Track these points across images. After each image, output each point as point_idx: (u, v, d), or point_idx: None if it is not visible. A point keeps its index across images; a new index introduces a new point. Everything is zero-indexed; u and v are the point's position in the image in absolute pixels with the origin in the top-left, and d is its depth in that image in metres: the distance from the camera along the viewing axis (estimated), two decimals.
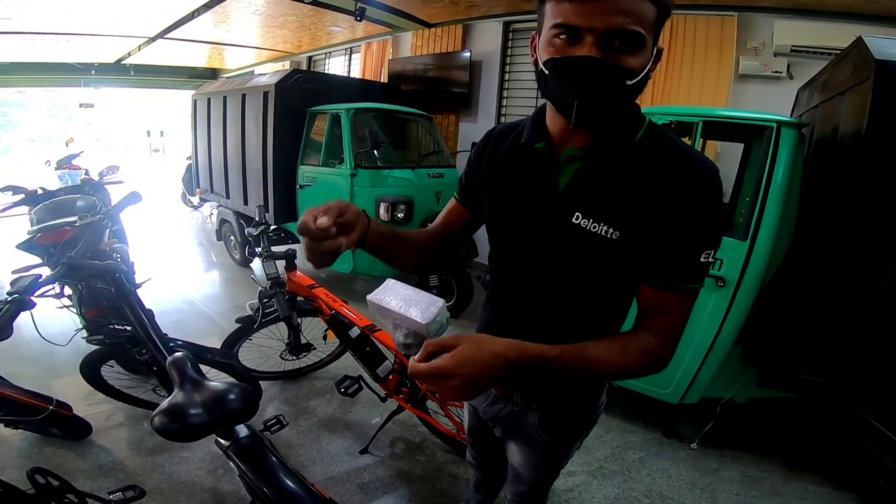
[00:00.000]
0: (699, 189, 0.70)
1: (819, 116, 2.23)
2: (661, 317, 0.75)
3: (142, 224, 5.76)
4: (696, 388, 2.12)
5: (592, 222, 0.74)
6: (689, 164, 0.72)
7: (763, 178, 1.87)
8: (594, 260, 0.77)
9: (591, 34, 0.63)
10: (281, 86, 3.86)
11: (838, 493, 2.00)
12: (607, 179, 0.75)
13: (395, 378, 2.03)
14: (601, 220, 0.74)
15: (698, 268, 0.72)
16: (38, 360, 2.67)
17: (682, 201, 0.70)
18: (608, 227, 0.73)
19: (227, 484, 1.89)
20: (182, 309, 3.72)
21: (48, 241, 2.20)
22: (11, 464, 1.88)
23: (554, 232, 0.79)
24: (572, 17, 0.64)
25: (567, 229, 0.77)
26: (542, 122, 0.81)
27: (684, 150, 0.74)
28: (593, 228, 0.74)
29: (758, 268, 1.89)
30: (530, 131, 0.82)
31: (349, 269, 3.82)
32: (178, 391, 1.18)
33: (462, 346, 0.65)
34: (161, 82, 10.71)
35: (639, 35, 0.64)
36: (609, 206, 0.74)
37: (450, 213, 1.02)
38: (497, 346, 0.67)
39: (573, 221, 0.76)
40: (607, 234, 0.74)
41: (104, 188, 3.59)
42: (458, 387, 0.64)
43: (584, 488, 2.00)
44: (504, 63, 4.99)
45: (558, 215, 0.78)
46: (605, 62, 0.64)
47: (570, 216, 0.76)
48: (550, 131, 0.80)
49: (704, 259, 0.72)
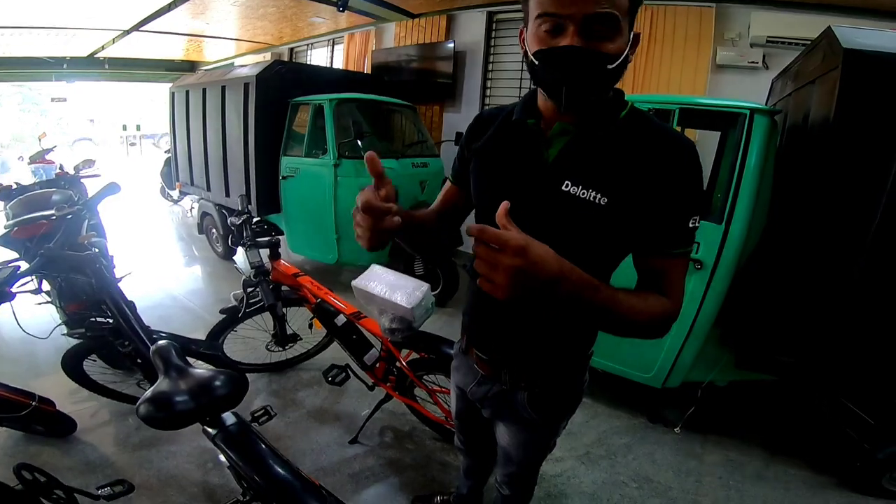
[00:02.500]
0: (681, 160, 0.76)
1: (791, 104, 2.29)
2: (664, 280, 0.80)
3: (120, 219, 5.64)
4: (678, 372, 2.17)
5: (581, 189, 0.78)
6: (669, 139, 0.78)
7: (737, 164, 1.93)
8: (583, 225, 0.80)
9: (571, 22, 0.68)
10: (262, 77, 3.80)
11: (819, 476, 2.05)
12: (595, 150, 0.80)
13: (383, 366, 2.03)
14: (590, 187, 0.78)
15: (688, 232, 0.78)
16: (20, 360, 2.62)
17: (666, 171, 0.76)
18: (597, 193, 0.78)
19: (216, 477, 1.88)
20: (165, 304, 3.67)
21: (24, 235, 2.16)
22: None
23: (544, 199, 0.82)
24: (553, 6, 0.69)
25: (557, 196, 0.80)
26: (533, 103, 0.86)
27: (664, 127, 0.80)
28: (582, 195, 0.78)
29: (733, 251, 1.95)
30: (521, 110, 0.87)
31: (334, 259, 3.80)
32: (162, 378, 1.18)
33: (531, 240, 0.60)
34: (137, 76, 10.44)
35: (614, 17, 0.69)
36: (597, 173, 0.78)
37: (446, 193, 1.08)
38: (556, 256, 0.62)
39: (563, 189, 0.80)
40: (596, 200, 0.78)
41: (80, 182, 3.51)
42: (514, 267, 0.57)
43: (572, 473, 2.03)
44: (488, 53, 4.99)
45: (548, 183, 0.81)
46: (586, 50, 0.69)
47: (559, 184, 0.80)
48: (541, 111, 0.84)
49: (692, 224, 0.78)
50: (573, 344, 0.98)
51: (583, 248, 0.82)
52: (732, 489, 1.98)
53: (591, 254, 0.83)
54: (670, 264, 0.80)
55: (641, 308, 0.75)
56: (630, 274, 0.85)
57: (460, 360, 1.16)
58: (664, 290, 0.81)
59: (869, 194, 1.60)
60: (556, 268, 0.61)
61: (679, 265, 0.81)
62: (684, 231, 0.78)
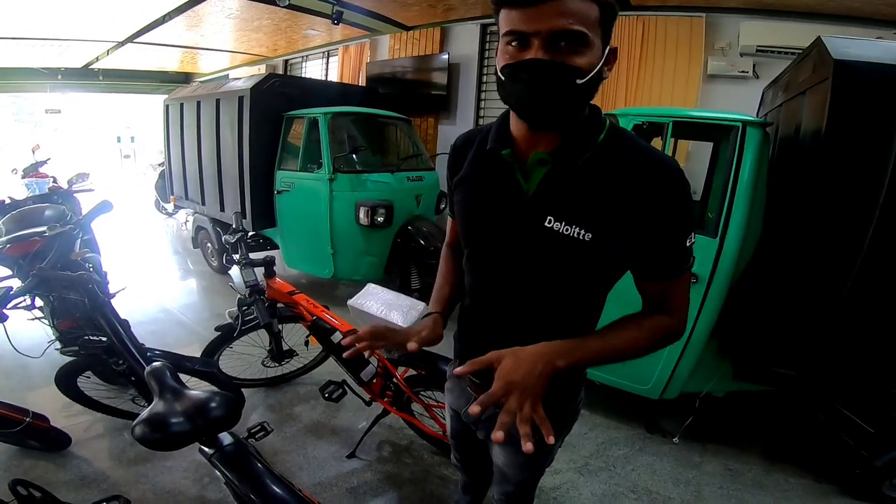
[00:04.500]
0: (667, 185, 0.74)
1: (783, 115, 2.30)
2: (669, 300, 0.82)
3: (114, 233, 5.58)
4: (676, 383, 2.18)
5: (565, 225, 0.77)
6: (652, 164, 0.76)
7: (730, 177, 1.93)
8: (568, 261, 0.80)
9: (537, 38, 0.67)
10: (256, 90, 3.79)
11: (819, 485, 2.05)
12: (576, 182, 0.77)
13: (379, 382, 2.02)
14: (573, 223, 0.77)
15: (686, 252, 0.79)
16: (12, 374, 2.59)
17: (653, 198, 0.74)
18: (580, 229, 0.76)
19: (213, 492, 1.86)
20: (159, 318, 3.63)
21: (17, 253, 2.13)
22: None
23: (527, 235, 0.81)
24: (519, 23, 0.68)
25: (540, 233, 0.79)
26: (505, 129, 0.84)
27: (646, 150, 0.78)
28: (566, 231, 0.77)
29: (728, 263, 1.96)
30: (495, 138, 0.84)
31: (330, 273, 3.78)
32: (157, 400, 1.16)
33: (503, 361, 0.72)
34: (131, 87, 10.42)
35: (581, 34, 0.67)
36: (580, 208, 0.77)
37: (452, 228, 1.13)
38: (531, 349, 0.74)
39: (546, 225, 0.79)
40: (580, 236, 0.76)
41: (74, 196, 3.48)
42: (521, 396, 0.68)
43: (571, 485, 2.02)
44: (482, 65, 5.03)
45: (530, 219, 0.80)
46: (550, 62, 0.68)
47: (542, 220, 0.79)
48: (515, 137, 0.82)
49: (689, 243, 0.79)
50: None
51: (569, 283, 0.83)
52: (732, 498, 1.97)
53: (578, 287, 0.84)
54: (675, 284, 0.82)
55: (639, 336, 0.79)
56: None
57: (454, 383, 1.16)
58: (668, 309, 0.82)
59: (862, 205, 1.60)
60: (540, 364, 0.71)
61: (683, 282, 0.83)
62: (682, 251, 0.78)
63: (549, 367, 0.72)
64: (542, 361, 0.71)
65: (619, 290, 0.91)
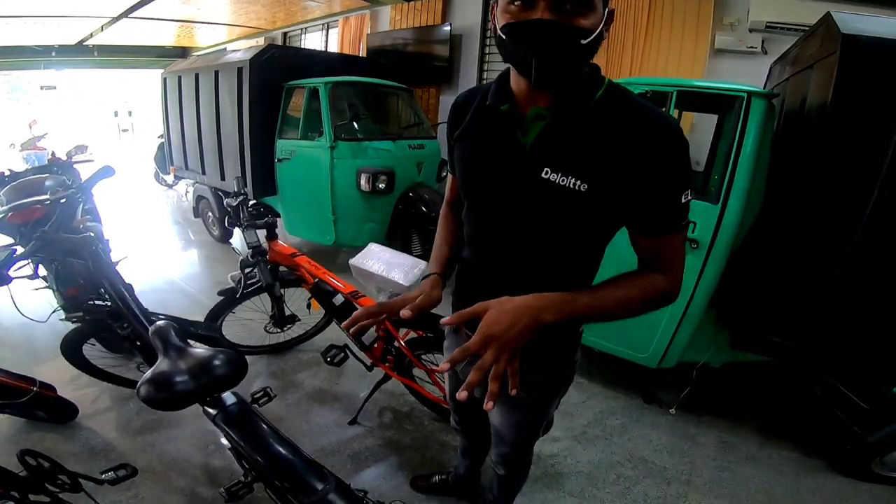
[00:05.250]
0: (664, 139, 0.74)
1: (789, 89, 2.29)
2: (663, 257, 0.82)
3: (115, 204, 5.59)
4: (673, 352, 2.20)
5: (561, 176, 0.78)
6: (650, 117, 0.76)
7: (734, 145, 1.93)
8: (564, 212, 0.81)
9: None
10: (256, 61, 3.75)
11: (810, 459, 2.07)
12: (573, 135, 0.78)
13: (381, 346, 2.04)
14: (569, 174, 0.78)
15: (682, 208, 0.78)
16: (19, 345, 2.62)
17: (650, 151, 0.74)
18: (576, 179, 0.77)
19: (218, 460, 1.90)
20: (162, 288, 3.67)
21: (19, 220, 2.12)
22: (2, 450, 1.85)
23: (524, 187, 0.82)
24: None
25: (537, 184, 0.80)
26: (506, 86, 0.84)
27: (644, 106, 0.78)
28: (562, 182, 0.78)
29: (729, 230, 1.95)
30: (495, 94, 0.85)
31: (331, 240, 3.81)
32: (162, 359, 1.18)
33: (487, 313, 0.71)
34: (127, 62, 10.28)
35: None
36: (576, 160, 0.78)
37: (452, 185, 1.14)
38: (518, 301, 0.72)
39: (542, 176, 0.79)
40: (575, 187, 0.77)
41: (73, 168, 3.47)
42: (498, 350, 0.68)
43: (569, 453, 2.06)
44: (484, 36, 4.94)
45: (527, 171, 0.81)
46: (558, 23, 0.67)
47: (539, 171, 0.80)
48: (515, 93, 0.83)
49: (685, 199, 0.78)
50: None
51: (566, 233, 0.84)
52: (726, 470, 2.01)
53: (575, 238, 0.85)
54: (669, 240, 0.81)
55: (631, 296, 0.79)
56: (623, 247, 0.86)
57: (451, 340, 1.18)
58: (663, 267, 0.82)
59: (864, 178, 1.60)
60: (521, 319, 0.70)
61: (678, 239, 0.82)
62: (678, 207, 0.78)
63: (534, 322, 0.71)
64: (528, 315, 0.71)
65: (618, 248, 0.91)
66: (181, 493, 1.75)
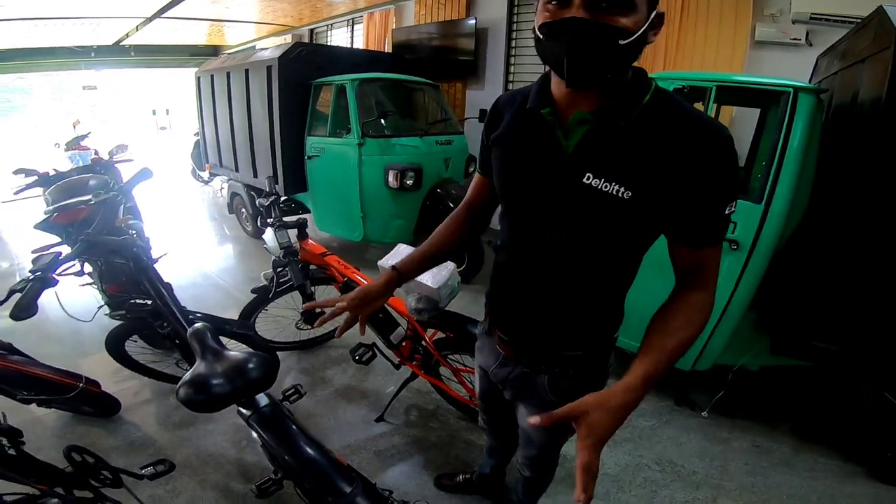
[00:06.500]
0: (714, 148, 0.72)
1: (838, 83, 2.19)
2: (702, 271, 0.80)
3: (154, 201, 5.80)
4: (709, 355, 2.12)
5: (604, 182, 0.76)
6: (700, 126, 0.73)
7: (779, 143, 1.84)
8: (605, 219, 0.78)
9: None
10: (284, 59, 3.82)
11: (846, 465, 1.99)
12: (617, 141, 0.76)
13: (409, 345, 2.06)
14: (612, 180, 0.75)
15: (724, 220, 0.76)
16: (64, 340, 2.74)
17: (697, 160, 0.72)
18: (620, 186, 0.75)
19: (250, 455, 1.95)
20: (199, 283, 3.80)
21: (65, 221, 2.23)
22: (47, 444, 1.92)
23: (565, 193, 0.80)
24: None
25: (578, 190, 0.78)
26: (546, 89, 0.83)
27: (694, 113, 0.75)
28: (605, 188, 0.76)
29: (772, 231, 1.87)
30: (535, 97, 0.83)
31: (360, 236, 3.86)
32: (199, 362, 1.21)
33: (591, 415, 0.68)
34: (162, 61, 10.63)
35: None
36: (620, 166, 0.75)
37: (476, 185, 1.10)
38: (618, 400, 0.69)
39: (584, 181, 0.77)
40: (619, 194, 0.75)
41: (115, 167, 3.60)
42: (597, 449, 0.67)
43: None
44: (511, 30, 4.85)
45: (569, 176, 0.79)
46: (590, 21, 0.66)
47: (580, 176, 0.78)
48: (556, 97, 0.81)
49: (728, 211, 0.75)
50: (597, 328, 0.97)
51: (606, 240, 0.82)
52: (758, 475, 1.95)
53: (614, 244, 0.82)
54: (709, 253, 0.79)
55: (691, 335, 0.77)
56: None
57: (483, 341, 1.17)
58: (700, 280, 0.80)
59: None
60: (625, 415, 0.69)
61: (717, 252, 0.80)
62: (720, 219, 0.76)
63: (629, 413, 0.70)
64: (628, 411, 0.69)
65: (656, 256, 0.89)
66: (215, 488, 1.81)
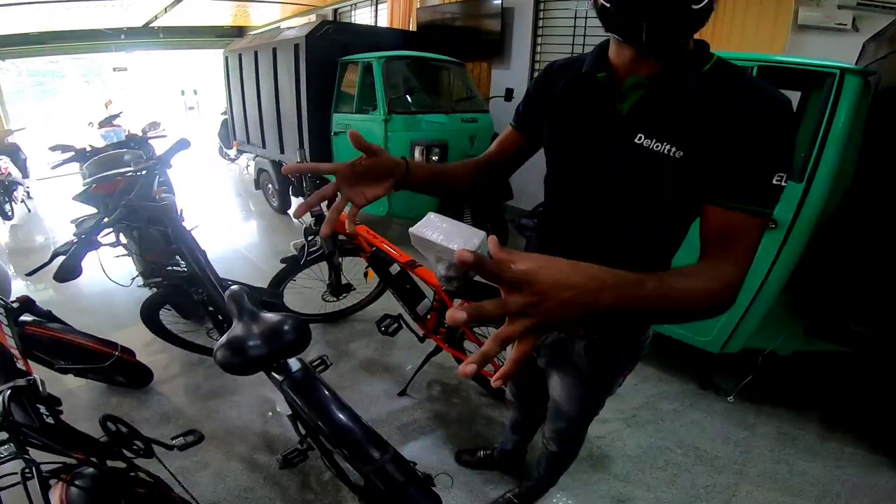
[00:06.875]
0: (772, 112, 0.68)
1: (886, 67, 2.09)
2: (732, 242, 0.69)
3: (184, 178, 5.96)
4: (739, 337, 2.08)
5: (655, 142, 0.74)
6: (761, 91, 0.70)
7: (822, 124, 1.77)
8: (654, 179, 0.77)
9: None
10: (311, 37, 3.85)
11: (874, 455, 1.94)
12: (672, 103, 0.74)
13: (434, 317, 2.07)
14: (664, 140, 0.74)
15: (771, 190, 0.68)
16: (99, 311, 2.86)
17: (755, 122, 0.68)
18: (671, 146, 0.73)
19: (275, 427, 2.00)
20: (227, 256, 3.90)
21: (103, 192, 2.32)
22: (83, 415, 1.95)
23: (616, 153, 0.79)
24: None
25: (629, 149, 0.77)
26: (604, 56, 0.81)
27: (756, 81, 0.72)
28: (656, 148, 0.74)
29: (813, 211, 1.81)
30: (592, 62, 0.82)
31: (384, 212, 3.89)
32: (237, 323, 1.24)
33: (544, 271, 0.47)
34: (189, 42, 10.74)
35: None
36: (673, 126, 0.74)
37: (505, 139, 1.03)
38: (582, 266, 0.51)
39: (635, 142, 0.76)
40: (670, 153, 0.73)
41: (148, 142, 3.71)
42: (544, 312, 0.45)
43: (617, 435, 2.03)
44: (538, 9, 4.74)
45: (620, 137, 0.78)
46: None
47: (632, 136, 0.76)
48: (614, 63, 0.79)
49: (777, 181, 0.67)
50: None
51: (656, 203, 0.79)
52: (782, 462, 1.91)
53: (663, 208, 0.80)
54: (745, 222, 0.68)
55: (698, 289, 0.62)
56: None
57: None
58: (732, 254, 0.68)
59: None
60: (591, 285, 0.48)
61: (755, 227, 0.69)
62: (767, 187, 0.67)
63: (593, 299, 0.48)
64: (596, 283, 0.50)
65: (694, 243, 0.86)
66: (241, 459, 1.85)
